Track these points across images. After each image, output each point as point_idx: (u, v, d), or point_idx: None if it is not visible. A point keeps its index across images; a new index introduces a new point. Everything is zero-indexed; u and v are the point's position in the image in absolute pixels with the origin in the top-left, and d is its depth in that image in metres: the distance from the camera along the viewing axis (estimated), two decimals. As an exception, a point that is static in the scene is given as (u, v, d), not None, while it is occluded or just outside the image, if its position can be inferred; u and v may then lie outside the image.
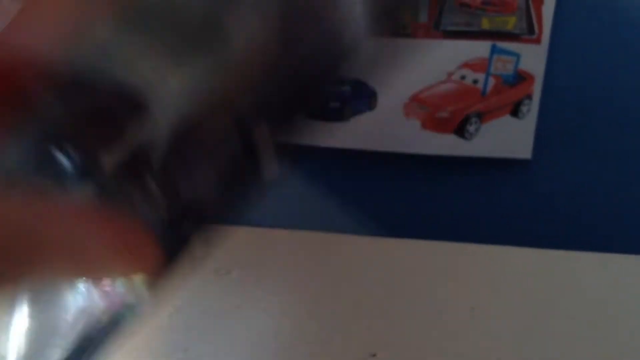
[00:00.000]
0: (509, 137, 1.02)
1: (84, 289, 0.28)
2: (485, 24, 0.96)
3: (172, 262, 0.29)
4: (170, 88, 0.25)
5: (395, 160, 1.06)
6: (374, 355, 0.70)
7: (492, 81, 1.00)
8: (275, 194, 1.11)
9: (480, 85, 1.00)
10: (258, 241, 0.99)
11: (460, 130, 1.02)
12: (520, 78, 0.99)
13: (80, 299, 0.28)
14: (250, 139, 0.29)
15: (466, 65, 0.99)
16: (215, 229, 0.30)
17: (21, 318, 0.28)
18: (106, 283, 0.28)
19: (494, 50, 0.98)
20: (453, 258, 0.95)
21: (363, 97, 1.02)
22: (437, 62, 0.99)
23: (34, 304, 0.28)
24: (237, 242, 0.99)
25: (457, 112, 1.02)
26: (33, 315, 0.28)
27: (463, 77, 1.00)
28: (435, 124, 1.02)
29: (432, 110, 1.02)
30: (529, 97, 0.99)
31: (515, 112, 1.00)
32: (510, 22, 0.95)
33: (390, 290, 0.84)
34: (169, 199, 0.28)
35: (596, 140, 1.00)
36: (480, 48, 0.98)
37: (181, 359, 0.68)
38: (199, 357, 0.69)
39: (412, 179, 1.07)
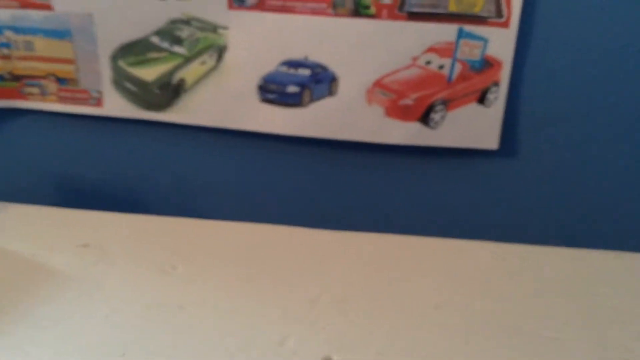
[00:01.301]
0: (475, 127, 0.98)
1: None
2: (453, 6, 0.91)
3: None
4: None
5: (357, 149, 1.01)
6: None
7: (458, 67, 0.95)
8: (227, 184, 1.05)
9: (446, 71, 0.95)
10: (208, 234, 0.93)
11: (425, 119, 0.97)
12: (488, 64, 0.95)
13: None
14: None
15: (432, 49, 0.94)
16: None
17: None
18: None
19: (460, 34, 0.93)
20: (415, 251, 0.90)
21: (323, 82, 0.97)
22: (402, 45, 0.94)
23: None
24: (184, 234, 0.93)
25: (422, 100, 0.97)
26: None
27: (428, 62, 0.95)
28: (399, 111, 0.97)
29: (396, 97, 0.97)
30: (496, 84, 0.95)
31: (482, 99, 0.96)
32: (478, 5, 0.91)
33: (347, 285, 0.79)
34: None
35: (566, 131, 0.96)
36: (446, 31, 0.93)
37: (117, 363, 0.62)
38: (137, 361, 0.62)
39: (373, 169, 1.02)
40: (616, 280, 0.84)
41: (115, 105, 1.02)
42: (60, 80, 1.01)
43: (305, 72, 0.97)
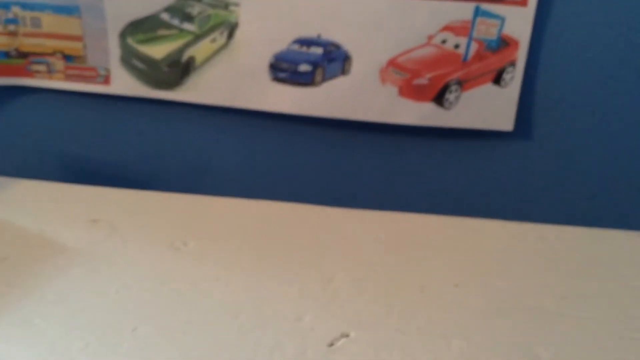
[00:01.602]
0: (490, 108, 0.96)
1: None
2: (469, -17, 0.89)
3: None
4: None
5: (370, 129, 0.99)
6: (347, 336, 0.63)
7: (474, 46, 0.93)
8: (237, 163, 1.03)
9: (461, 51, 0.94)
10: (220, 211, 0.91)
11: (440, 99, 0.96)
12: (504, 43, 0.93)
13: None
14: None
15: (447, 28, 0.92)
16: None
17: None
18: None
19: (477, 12, 0.91)
20: (432, 230, 0.89)
21: (336, 61, 0.96)
22: (417, 23, 0.92)
23: None
24: (195, 211, 0.91)
25: (436, 79, 0.95)
26: None
27: (444, 41, 0.93)
28: (413, 91, 0.96)
29: (410, 77, 0.95)
30: (513, 64, 0.93)
31: (497, 80, 0.94)
32: (496, -18, 0.89)
33: (363, 264, 0.77)
34: None
35: (582, 113, 0.94)
36: (463, 9, 0.91)
37: (128, 338, 0.60)
38: (147, 337, 0.60)
39: (387, 149, 1.01)
40: (632, 258, 0.82)
41: (123, 84, 1.00)
42: (67, 57, 1.00)
43: (317, 51, 0.95)
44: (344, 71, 0.95)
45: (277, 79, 0.97)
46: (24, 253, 0.76)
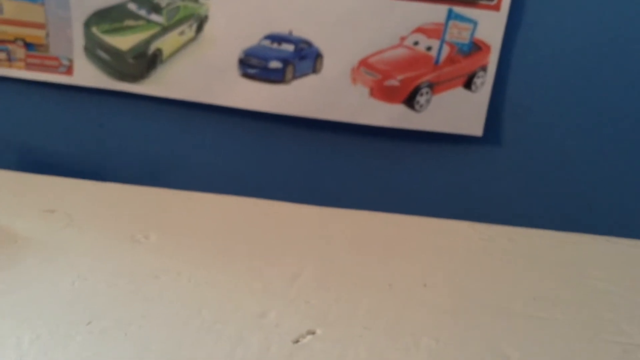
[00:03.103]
0: (460, 112, 0.96)
1: None
2: (443, -15, 0.89)
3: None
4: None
5: (340, 129, 0.98)
6: (313, 333, 0.61)
7: (446, 49, 0.93)
8: (202, 161, 1.01)
9: (433, 53, 0.93)
10: (184, 205, 0.88)
11: (410, 101, 0.95)
12: (476, 47, 0.93)
13: None
14: None
15: (420, 29, 0.92)
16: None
17: None
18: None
19: (450, 15, 0.91)
20: (401, 229, 0.87)
21: (307, 59, 0.94)
22: (390, 24, 0.92)
23: None
24: (158, 204, 0.88)
25: (408, 81, 0.94)
26: None
27: (416, 43, 0.93)
28: (384, 92, 0.95)
29: (382, 78, 0.94)
30: (484, 69, 0.93)
31: (468, 84, 0.94)
32: (469, -15, 0.89)
33: (330, 261, 0.75)
34: None
35: (550, 120, 0.95)
36: (436, 12, 0.91)
37: (81, 332, 0.56)
38: (102, 331, 0.57)
39: (356, 149, 0.99)
40: (606, 263, 0.82)
41: (87, 74, 0.97)
42: (28, 45, 0.96)
43: (289, 48, 0.93)
44: (315, 69, 0.94)
45: (246, 75, 0.95)
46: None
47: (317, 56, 0.93)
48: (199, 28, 0.93)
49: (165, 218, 0.83)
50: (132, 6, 0.93)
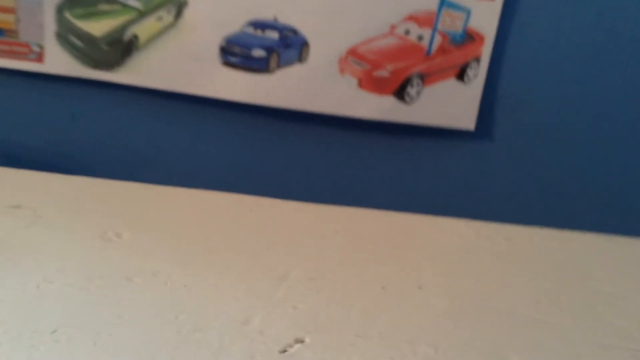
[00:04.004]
0: (452, 105, 0.92)
1: None
2: (436, -28, 0.85)
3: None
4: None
5: (326, 122, 0.94)
6: (302, 341, 0.56)
7: (438, 38, 0.89)
8: (179, 153, 0.96)
9: (425, 43, 0.89)
10: (159, 200, 0.83)
11: (400, 93, 0.91)
12: (469, 37, 0.89)
13: None
14: None
15: (411, 17, 0.88)
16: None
17: None
18: None
19: (443, 2, 0.87)
20: (394, 227, 0.83)
21: (293, 47, 0.90)
22: (380, 11, 0.88)
23: None
24: (132, 200, 0.83)
25: (398, 72, 0.90)
26: None
27: (407, 32, 0.89)
28: (373, 83, 0.91)
29: (371, 68, 0.90)
30: (477, 60, 0.90)
31: (460, 76, 0.90)
32: (463, -28, 0.86)
33: (320, 261, 0.70)
34: None
35: (543, 114, 0.91)
36: (428, -1, 0.87)
37: (46, 341, 0.51)
38: (69, 340, 0.52)
39: (345, 143, 0.95)
40: (607, 264, 0.79)
41: (58, 62, 0.92)
42: (-4, 31, 0.91)
43: (273, 35, 0.89)
44: (300, 58, 0.90)
45: (228, 64, 0.90)
46: None
47: (303, 44, 0.89)
48: (178, 13, 0.88)
49: (139, 214, 0.78)
50: (106, -11, 0.88)
